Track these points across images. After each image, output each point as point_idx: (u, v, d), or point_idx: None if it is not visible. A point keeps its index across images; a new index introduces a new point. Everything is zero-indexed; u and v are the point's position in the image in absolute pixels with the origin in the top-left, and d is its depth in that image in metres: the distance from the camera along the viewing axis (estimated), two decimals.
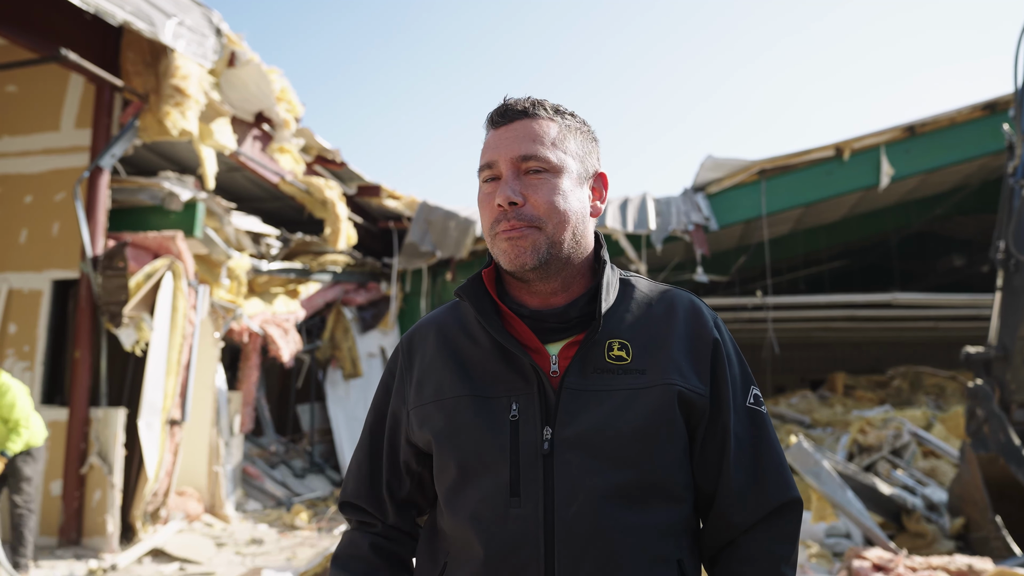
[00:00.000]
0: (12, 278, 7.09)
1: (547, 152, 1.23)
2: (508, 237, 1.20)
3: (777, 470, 1.26)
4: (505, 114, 1.26)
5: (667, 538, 1.18)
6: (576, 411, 1.18)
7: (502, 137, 1.25)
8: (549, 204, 1.21)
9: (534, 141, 1.23)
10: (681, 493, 1.22)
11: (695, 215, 11.16)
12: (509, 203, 1.20)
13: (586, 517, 1.14)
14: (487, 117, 1.29)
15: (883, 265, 18.06)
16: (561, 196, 1.22)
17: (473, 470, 1.20)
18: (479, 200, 1.27)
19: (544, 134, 1.24)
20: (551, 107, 1.27)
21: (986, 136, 10.94)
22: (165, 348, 6.76)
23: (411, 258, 11.52)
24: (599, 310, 1.22)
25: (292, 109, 9.25)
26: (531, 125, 1.24)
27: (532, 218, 1.20)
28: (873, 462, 7.91)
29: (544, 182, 1.22)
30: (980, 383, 6.16)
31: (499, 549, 1.15)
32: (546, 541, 1.14)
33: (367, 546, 1.31)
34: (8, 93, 7.57)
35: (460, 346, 1.29)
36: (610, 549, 1.14)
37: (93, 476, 6.41)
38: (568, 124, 1.28)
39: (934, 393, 14.44)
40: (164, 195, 7.23)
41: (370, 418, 1.38)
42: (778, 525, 1.25)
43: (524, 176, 1.22)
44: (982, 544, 5.61)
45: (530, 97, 1.27)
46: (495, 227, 1.22)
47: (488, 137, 1.28)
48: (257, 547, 6.73)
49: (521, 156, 1.22)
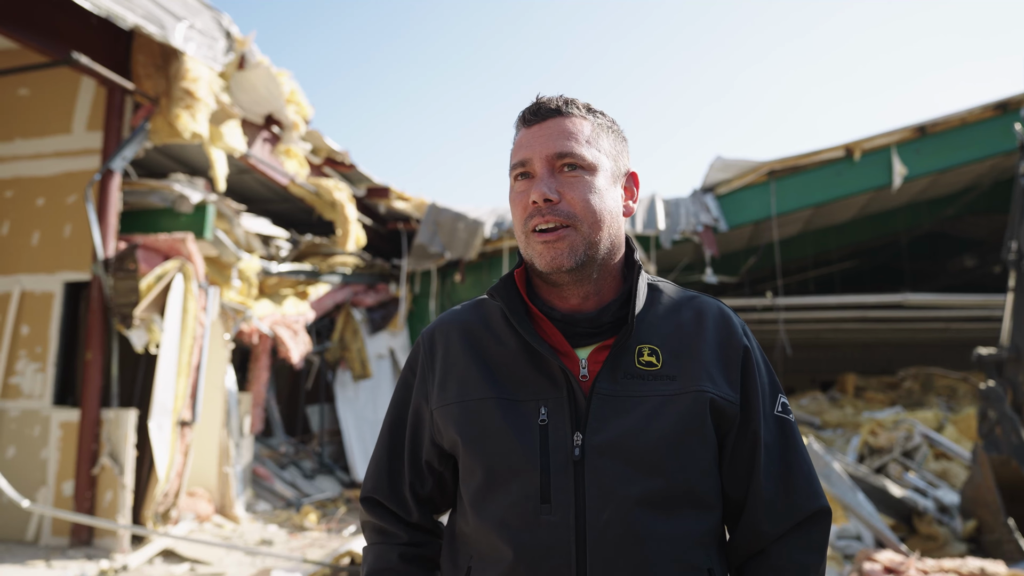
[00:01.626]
0: (24, 280, 7.14)
1: (582, 150, 1.22)
2: (544, 240, 1.19)
3: (807, 479, 1.26)
4: (538, 112, 1.25)
5: (698, 547, 1.17)
6: (607, 417, 1.17)
7: (536, 135, 1.23)
8: (584, 202, 1.20)
9: (569, 139, 1.22)
10: (712, 501, 1.21)
11: (704, 216, 11.13)
12: (544, 200, 1.19)
13: (618, 524, 1.13)
14: (519, 116, 1.28)
15: (894, 266, 17.97)
16: (596, 194, 1.21)
17: (501, 475, 1.18)
18: (511, 199, 1.26)
19: (579, 132, 1.23)
20: (584, 105, 1.27)
21: (998, 136, 10.88)
22: (176, 349, 6.80)
23: (420, 260, 11.54)
24: (632, 315, 1.21)
25: (301, 111, 9.28)
26: (565, 123, 1.23)
27: (568, 215, 1.19)
28: (884, 464, 7.87)
29: (579, 180, 1.21)
30: (992, 384, 6.13)
31: (529, 556, 1.14)
32: (577, 548, 1.13)
33: (396, 558, 1.30)
34: (20, 96, 7.63)
35: (486, 347, 1.27)
36: (642, 557, 1.13)
37: (104, 477, 6.44)
38: (600, 123, 1.27)
39: (946, 394, 14.34)
40: (175, 197, 7.27)
41: (390, 415, 1.36)
42: (807, 535, 1.24)
43: (559, 174, 1.21)
44: (994, 547, 5.57)
45: (563, 95, 1.26)
46: (528, 223, 1.21)
47: (520, 135, 1.26)
48: (267, 548, 6.75)
49: (556, 154, 1.21)
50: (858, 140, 11.15)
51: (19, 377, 6.94)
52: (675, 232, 10.90)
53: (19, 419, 6.82)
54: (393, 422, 1.35)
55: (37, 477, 6.62)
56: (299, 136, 9.30)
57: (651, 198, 11.80)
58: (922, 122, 11.07)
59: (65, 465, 6.57)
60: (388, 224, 12.02)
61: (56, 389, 6.89)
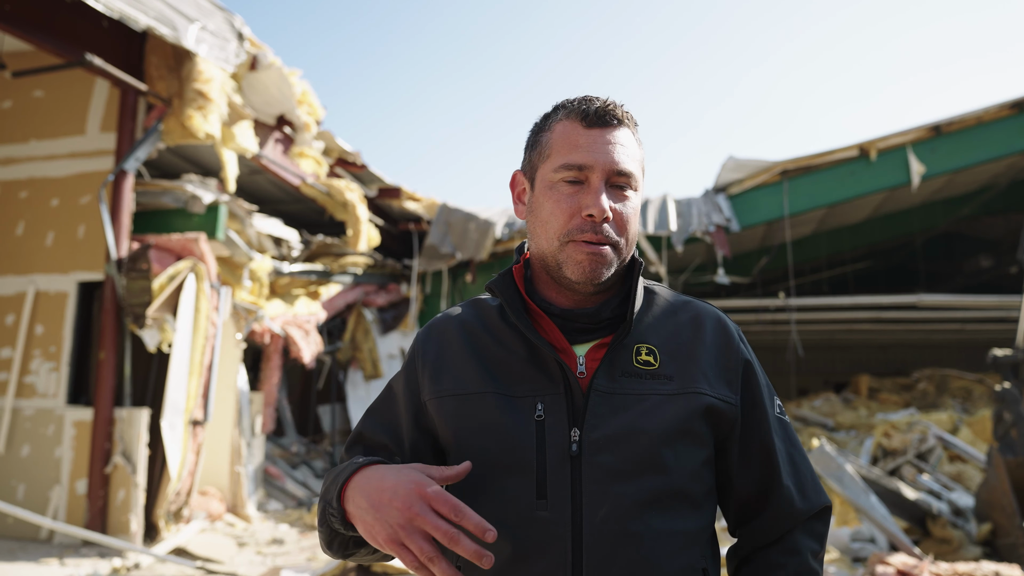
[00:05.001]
0: (39, 280, 7.20)
1: (637, 170, 1.23)
2: (590, 252, 1.18)
3: (812, 476, 1.30)
4: (604, 117, 1.21)
5: (693, 546, 1.18)
6: (605, 414, 1.16)
7: (599, 141, 1.20)
8: (630, 225, 1.22)
9: (630, 158, 1.22)
10: (703, 501, 1.21)
11: (716, 216, 11.08)
12: (604, 217, 1.18)
13: (615, 522, 1.13)
14: (577, 109, 1.22)
15: (908, 266, 17.83)
16: (636, 216, 1.23)
17: (497, 470, 1.18)
18: (555, 199, 1.20)
19: (634, 150, 1.23)
20: (633, 118, 1.26)
21: (1014, 135, 10.78)
22: (188, 349, 6.84)
23: (431, 260, 11.56)
24: (630, 312, 1.21)
25: (313, 112, 9.31)
26: (627, 136, 1.23)
27: (616, 236, 1.20)
28: (898, 466, 7.80)
29: (629, 201, 1.22)
30: (1008, 386, 6.07)
31: (525, 552, 1.14)
32: (574, 545, 1.12)
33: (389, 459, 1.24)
34: (35, 98, 7.70)
35: (483, 343, 1.27)
36: (638, 554, 1.13)
37: (117, 475, 6.49)
38: (639, 138, 1.27)
39: (960, 396, 14.20)
40: (187, 198, 7.32)
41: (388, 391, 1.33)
42: (813, 527, 1.27)
43: (611, 189, 1.21)
44: (1010, 551, 5.51)
45: (622, 104, 1.24)
46: (575, 234, 1.18)
47: (577, 134, 1.21)
48: (278, 547, 6.78)
49: (619, 171, 1.20)
50: (872, 140, 11.07)
51: (33, 376, 7.00)
52: (687, 232, 10.85)
53: (33, 418, 6.89)
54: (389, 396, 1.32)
55: (51, 475, 6.68)
56: (311, 137, 9.34)
57: (663, 198, 11.76)
58: (937, 121, 10.97)
59: (79, 464, 6.62)
60: (399, 224, 12.05)
61: (70, 388, 6.94)
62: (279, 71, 8.19)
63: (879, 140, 11.06)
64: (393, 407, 1.32)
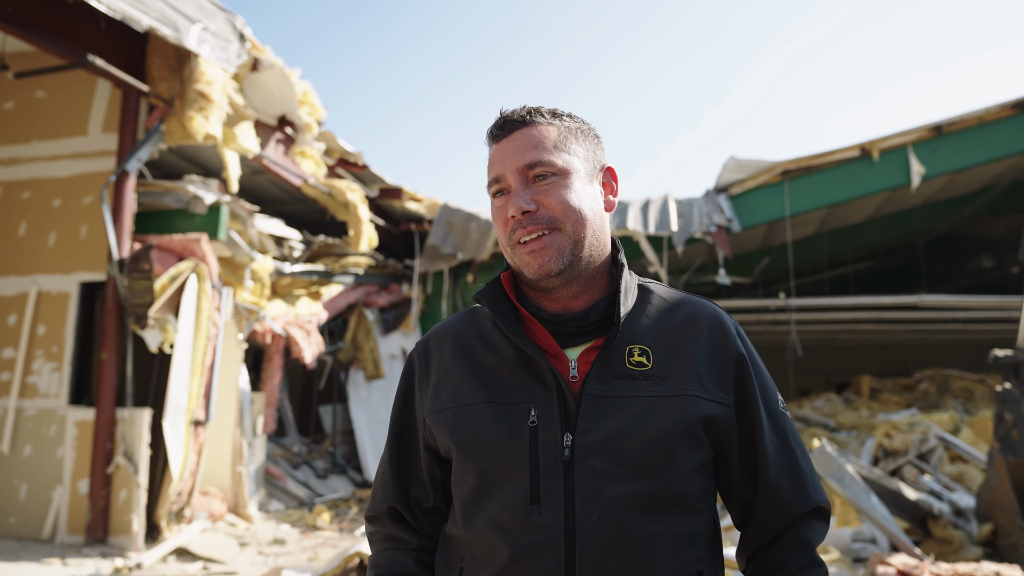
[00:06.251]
0: (41, 280, 7.22)
1: (551, 156, 1.23)
2: (531, 250, 1.21)
3: (812, 475, 1.30)
4: (504, 126, 1.27)
5: (688, 548, 1.18)
6: (597, 417, 1.17)
7: (505, 149, 1.25)
8: (563, 204, 1.21)
9: (537, 148, 1.23)
10: (700, 504, 1.21)
11: (717, 216, 11.08)
12: (523, 212, 1.21)
13: (608, 525, 1.13)
14: (487, 133, 1.30)
15: (910, 266, 17.83)
16: (574, 195, 1.23)
17: (493, 478, 1.19)
18: (493, 215, 1.28)
19: (545, 139, 1.24)
20: (548, 112, 1.28)
21: (1015, 135, 10.76)
22: (189, 349, 6.85)
23: (432, 260, 11.56)
24: (618, 314, 1.21)
25: (315, 112, 9.32)
26: (531, 133, 1.25)
27: (549, 220, 1.21)
28: (899, 466, 7.80)
29: (554, 185, 1.23)
30: (1009, 387, 6.07)
31: (519, 557, 1.14)
32: (567, 549, 1.13)
33: (413, 563, 1.30)
34: (38, 99, 7.71)
35: (477, 353, 1.28)
36: (632, 558, 1.13)
37: (119, 475, 6.50)
38: (567, 126, 1.28)
39: (962, 397, 14.19)
40: (189, 198, 7.33)
41: (392, 431, 1.37)
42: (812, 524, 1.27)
43: (533, 184, 1.23)
44: (1011, 551, 5.51)
45: (525, 106, 1.28)
46: (512, 236, 1.23)
47: (492, 152, 1.28)
48: (279, 547, 6.79)
49: (526, 165, 1.23)
50: (873, 140, 11.05)
51: (36, 376, 7.02)
52: (688, 233, 10.84)
53: (35, 418, 6.90)
54: (394, 438, 1.36)
55: (53, 475, 6.70)
56: (312, 137, 9.35)
57: (663, 199, 11.75)
58: (938, 121, 10.96)
59: (80, 464, 6.63)
60: (401, 225, 12.06)
61: (72, 388, 6.96)
62: (280, 71, 8.20)
63: (880, 140, 11.05)
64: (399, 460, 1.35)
